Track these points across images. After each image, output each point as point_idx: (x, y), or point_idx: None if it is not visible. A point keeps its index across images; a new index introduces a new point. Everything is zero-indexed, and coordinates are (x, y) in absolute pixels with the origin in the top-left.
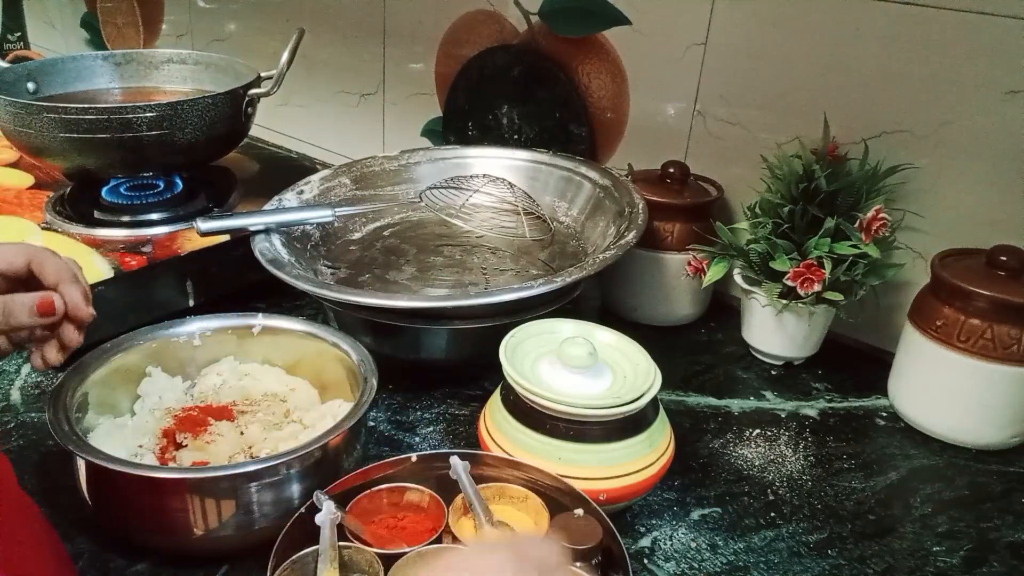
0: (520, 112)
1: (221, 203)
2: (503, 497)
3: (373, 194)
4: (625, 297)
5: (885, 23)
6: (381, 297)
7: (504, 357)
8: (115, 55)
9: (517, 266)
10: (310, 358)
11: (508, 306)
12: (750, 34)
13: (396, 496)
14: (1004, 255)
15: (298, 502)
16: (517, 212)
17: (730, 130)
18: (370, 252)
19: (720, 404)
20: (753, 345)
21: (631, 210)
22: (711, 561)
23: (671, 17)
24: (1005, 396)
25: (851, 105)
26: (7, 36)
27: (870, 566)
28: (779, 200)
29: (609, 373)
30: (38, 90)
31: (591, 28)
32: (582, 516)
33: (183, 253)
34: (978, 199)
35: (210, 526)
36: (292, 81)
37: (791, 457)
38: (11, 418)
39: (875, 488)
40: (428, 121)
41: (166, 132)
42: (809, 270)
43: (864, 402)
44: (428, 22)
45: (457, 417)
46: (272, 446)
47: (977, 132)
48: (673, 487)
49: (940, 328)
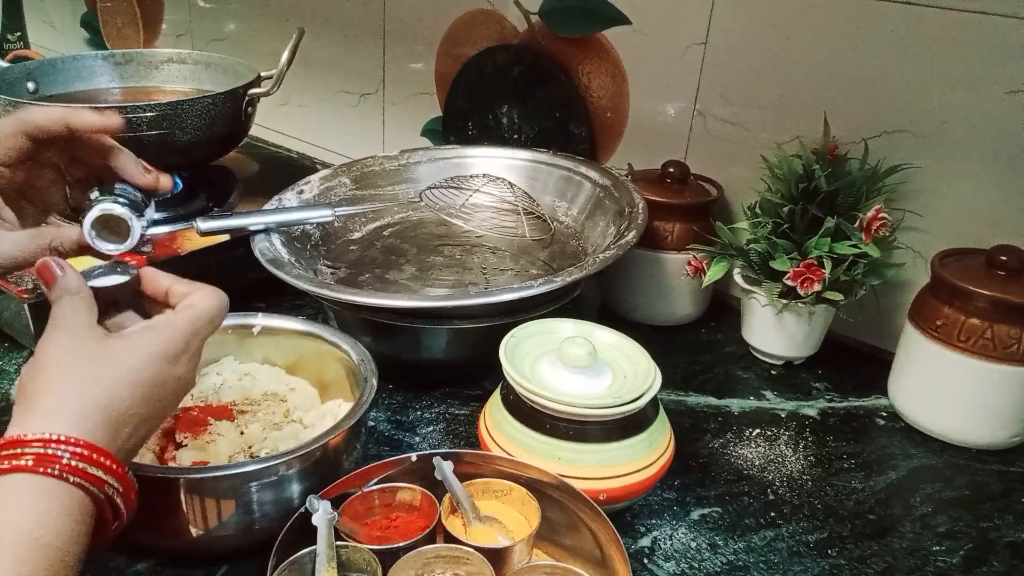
0: (520, 112)
1: (221, 203)
2: (488, 492)
3: (373, 194)
4: (625, 297)
5: (885, 23)
6: (381, 297)
7: (504, 357)
8: (115, 55)
9: (517, 266)
10: (310, 358)
11: (508, 306)
12: (750, 34)
13: (388, 496)
14: (1004, 255)
15: (298, 502)
16: (517, 212)
17: (730, 130)
18: (370, 252)
19: (720, 404)
20: (753, 345)
21: (631, 210)
22: (711, 561)
23: (671, 17)
24: (1005, 396)
25: (851, 105)
26: (7, 36)
27: (870, 566)
28: (779, 200)
29: (609, 373)
30: (38, 90)
31: (591, 28)
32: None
33: (183, 253)
34: (978, 199)
35: (210, 526)
36: (292, 81)
37: (791, 457)
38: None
39: (875, 488)
40: (428, 121)
41: (166, 132)
42: (809, 270)
43: (864, 402)
44: (428, 22)
45: (457, 417)
46: (272, 446)
47: (977, 132)
48: (673, 487)
49: (940, 328)
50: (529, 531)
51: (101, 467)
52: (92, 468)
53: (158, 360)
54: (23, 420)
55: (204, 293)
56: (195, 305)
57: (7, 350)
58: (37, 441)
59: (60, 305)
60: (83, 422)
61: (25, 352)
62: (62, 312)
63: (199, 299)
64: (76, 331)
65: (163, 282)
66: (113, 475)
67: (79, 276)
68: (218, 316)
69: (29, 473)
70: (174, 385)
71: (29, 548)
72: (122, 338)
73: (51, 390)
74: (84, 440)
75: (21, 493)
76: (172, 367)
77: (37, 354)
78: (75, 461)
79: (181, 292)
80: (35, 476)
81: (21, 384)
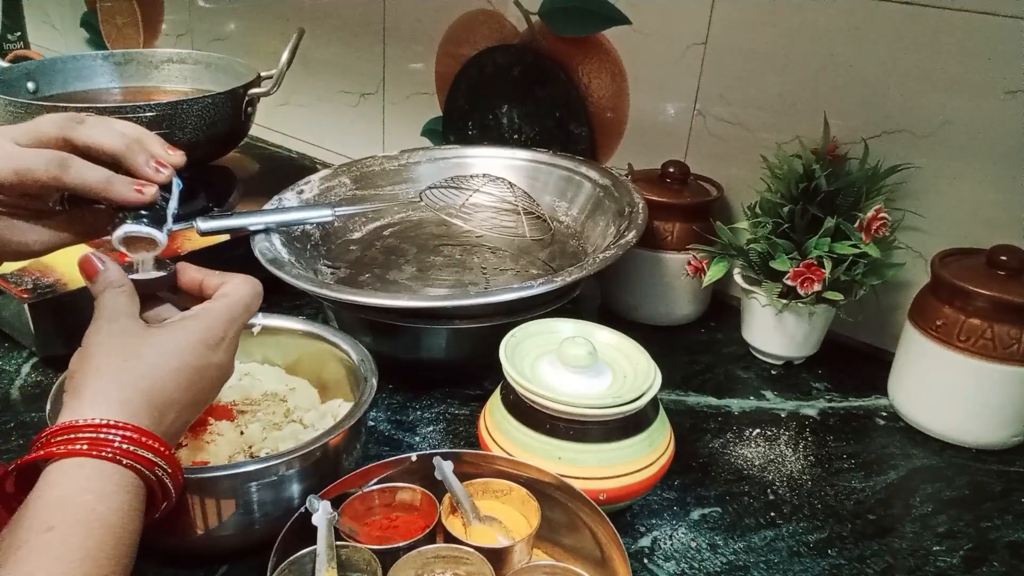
0: (520, 112)
1: (221, 203)
2: (488, 492)
3: (373, 194)
4: (625, 297)
5: (885, 23)
6: (381, 297)
7: (504, 357)
8: (115, 55)
9: (517, 266)
10: (310, 358)
11: (508, 306)
12: (750, 34)
13: (388, 496)
14: (1004, 255)
15: (298, 502)
16: (517, 212)
17: (730, 130)
18: (370, 252)
19: (720, 404)
20: (753, 345)
21: (631, 210)
22: (711, 561)
23: (671, 17)
24: (1005, 396)
25: (851, 105)
26: (7, 36)
27: (870, 566)
28: (779, 200)
29: (609, 373)
30: (38, 90)
31: (591, 28)
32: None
33: (183, 253)
34: (978, 199)
35: (210, 526)
36: (292, 81)
37: (791, 457)
38: (11, 418)
39: (875, 488)
40: (428, 121)
41: (166, 132)
42: (809, 270)
43: (864, 402)
44: (428, 22)
45: (457, 417)
46: (272, 446)
47: (977, 132)
48: (673, 487)
49: (940, 328)
50: (529, 531)
51: (150, 449)
52: (142, 451)
53: (198, 347)
54: (73, 407)
55: (237, 282)
56: (230, 294)
57: (7, 350)
58: (89, 427)
59: (103, 297)
60: (129, 407)
61: (25, 352)
62: (105, 303)
63: (233, 288)
64: (120, 321)
65: (196, 276)
66: (162, 457)
67: (120, 269)
68: (253, 303)
69: (84, 457)
70: (214, 372)
71: (92, 523)
72: (163, 327)
73: (98, 377)
74: (132, 424)
75: (78, 475)
76: (212, 354)
77: (84, 343)
78: (126, 444)
79: (214, 284)
80: (90, 459)
81: (70, 373)
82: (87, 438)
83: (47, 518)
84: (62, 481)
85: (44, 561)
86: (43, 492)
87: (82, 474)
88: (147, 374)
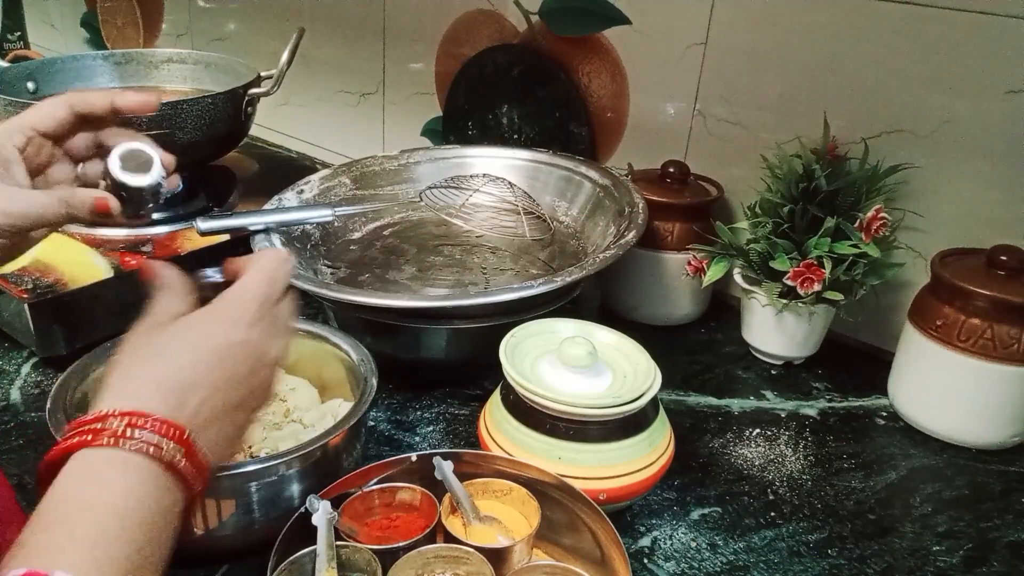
0: (520, 112)
1: (221, 203)
2: (488, 492)
3: (373, 194)
4: (625, 297)
5: (885, 23)
6: (381, 297)
7: (504, 357)
8: (115, 55)
9: (517, 266)
10: (310, 358)
11: (508, 306)
12: (750, 34)
13: (388, 496)
14: (1004, 255)
15: (298, 502)
16: (517, 212)
17: (730, 130)
18: (370, 252)
19: (720, 404)
20: (753, 345)
21: (631, 210)
22: (711, 561)
23: (671, 17)
24: (1005, 396)
25: (851, 105)
26: (7, 36)
27: (870, 566)
28: (779, 200)
29: (609, 373)
30: (38, 90)
31: (591, 28)
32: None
33: (183, 253)
34: (978, 199)
35: (210, 526)
36: (292, 81)
37: (791, 457)
38: (11, 418)
39: (875, 488)
40: (428, 121)
41: (166, 132)
42: (809, 270)
43: (864, 402)
44: (428, 22)
45: (457, 417)
46: (272, 446)
47: (977, 132)
48: (673, 487)
49: (940, 328)
50: (529, 531)
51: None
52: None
53: (217, 328)
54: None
55: (254, 258)
56: (249, 271)
57: (7, 350)
58: (95, 419)
59: (155, 300)
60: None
61: (25, 352)
62: (154, 305)
63: (250, 265)
64: (158, 319)
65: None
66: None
67: (176, 272)
68: (278, 273)
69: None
70: (241, 350)
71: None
72: (183, 318)
73: (115, 376)
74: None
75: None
76: (235, 332)
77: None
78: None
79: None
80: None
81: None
82: (91, 430)
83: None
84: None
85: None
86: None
87: (84, 464)
88: (159, 362)
